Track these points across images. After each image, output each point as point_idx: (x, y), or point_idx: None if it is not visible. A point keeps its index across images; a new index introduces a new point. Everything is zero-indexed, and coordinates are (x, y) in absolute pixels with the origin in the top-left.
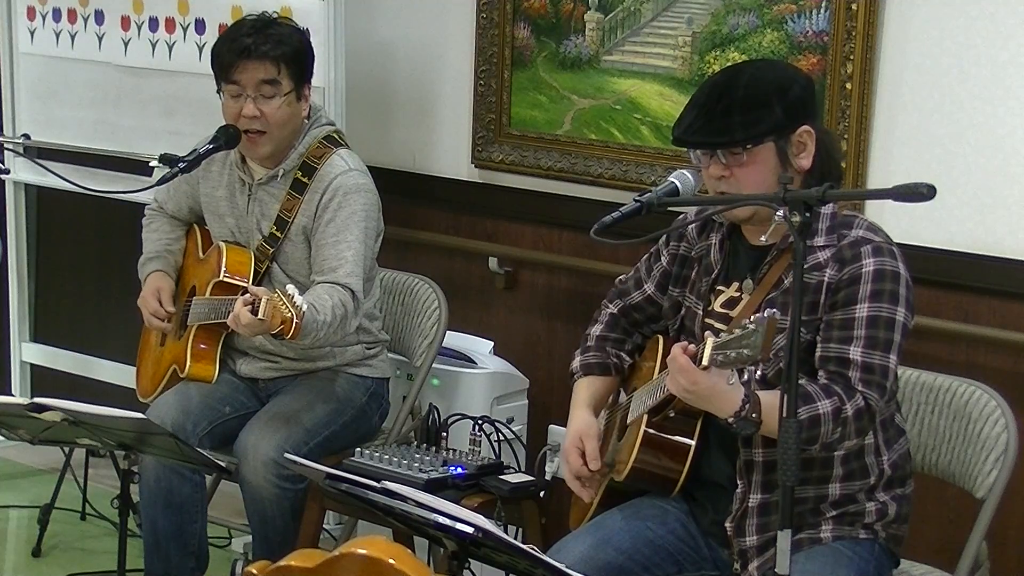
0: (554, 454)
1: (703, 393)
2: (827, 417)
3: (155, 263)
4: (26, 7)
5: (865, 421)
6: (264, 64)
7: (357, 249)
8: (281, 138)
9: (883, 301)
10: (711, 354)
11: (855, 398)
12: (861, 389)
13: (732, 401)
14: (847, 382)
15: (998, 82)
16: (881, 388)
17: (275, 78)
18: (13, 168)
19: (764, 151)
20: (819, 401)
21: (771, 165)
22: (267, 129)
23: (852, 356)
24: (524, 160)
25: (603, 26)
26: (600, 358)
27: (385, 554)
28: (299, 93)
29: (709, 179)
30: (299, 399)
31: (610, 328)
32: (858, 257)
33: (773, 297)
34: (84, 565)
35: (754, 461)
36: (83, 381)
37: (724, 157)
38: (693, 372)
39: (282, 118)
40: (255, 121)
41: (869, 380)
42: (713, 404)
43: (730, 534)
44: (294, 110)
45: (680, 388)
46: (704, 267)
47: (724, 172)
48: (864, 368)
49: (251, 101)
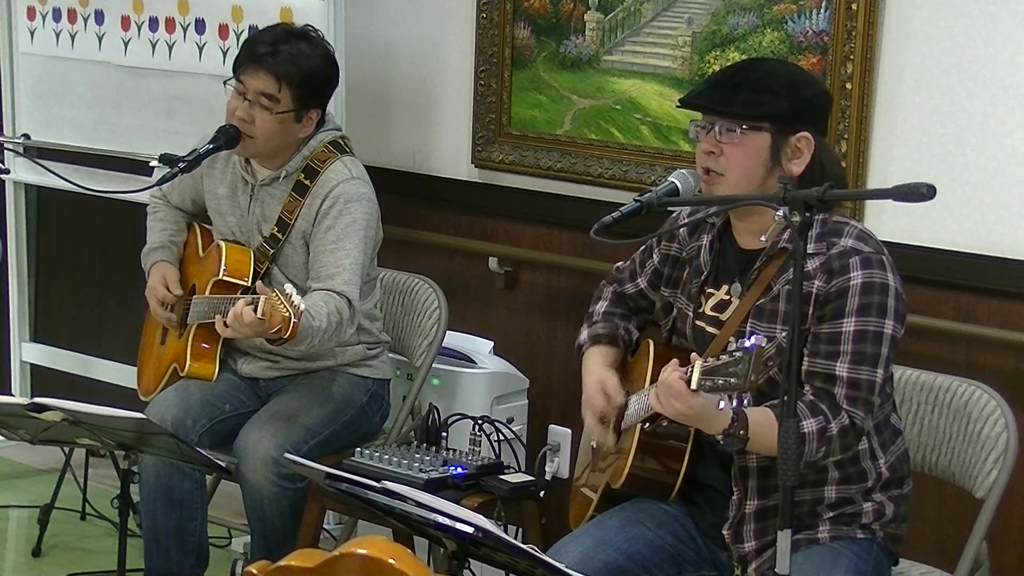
0: (554, 454)
1: (694, 415)
2: (812, 436)
3: (159, 253)
4: (26, 7)
5: (850, 438)
6: (268, 78)
7: (355, 258)
8: (265, 148)
9: (871, 315)
10: (699, 379)
11: (840, 416)
12: (846, 408)
13: (721, 421)
14: (832, 399)
15: (998, 82)
16: (867, 404)
17: (275, 94)
18: (13, 168)
19: (759, 139)
20: (804, 420)
21: (762, 157)
22: (253, 135)
23: (839, 372)
24: (524, 160)
25: (603, 26)
26: (608, 329)
27: (385, 554)
28: (300, 114)
29: (699, 155)
30: (300, 398)
31: (614, 304)
32: (846, 269)
33: (762, 304)
34: (84, 565)
35: (748, 467)
36: (83, 381)
37: (720, 134)
38: (687, 397)
39: (269, 131)
40: (244, 124)
41: (855, 397)
42: (703, 423)
43: (728, 540)
44: (287, 128)
45: (674, 411)
46: (694, 268)
47: (714, 148)
48: (850, 384)
49: (247, 104)
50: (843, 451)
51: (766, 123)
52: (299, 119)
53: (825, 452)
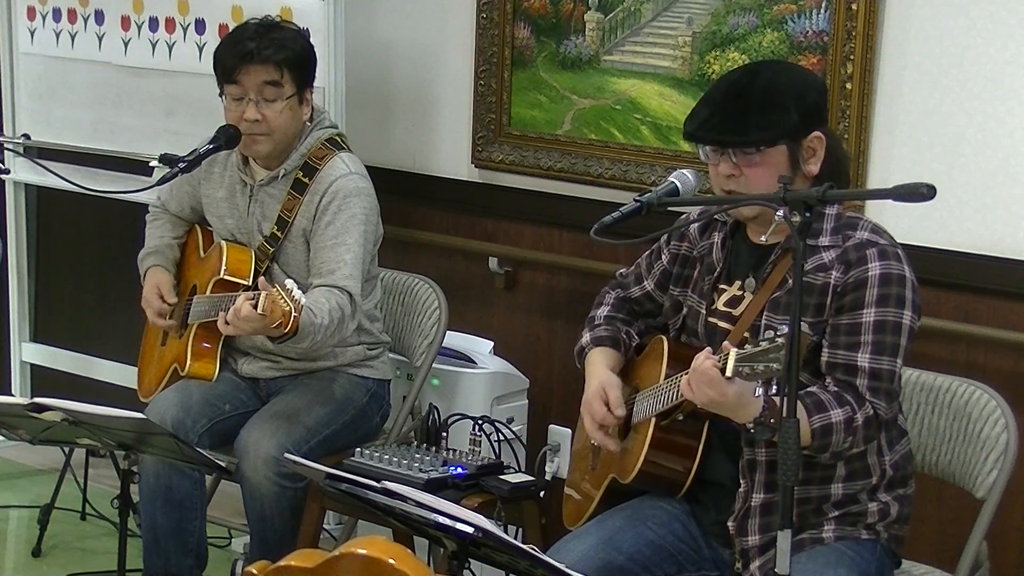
0: (554, 454)
1: (727, 404)
2: (839, 426)
3: (153, 258)
4: (26, 7)
5: (873, 429)
6: (267, 67)
7: (356, 252)
8: (283, 141)
9: (889, 305)
10: (735, 365)
11: (864, 407)
12: (870, 398)
13: (753, 409)
14: (856, 391)
15: (998, 82)
16: (889, 395)
17: (278, 80)
18: (13, 168)
19: (776, 153)
20: (832, 410)
21: (782, 168)
22: (268, 133)
23: (860, 363)
24: (524, 160)
25: (603, 26)
26: (611, 332)
27: (385, 554)
28: (301, 97)
29: (717, 177)
30: (300, 398)
31: (616, 309)
32: (863, 260)
33: (777, 297)
34: (84, 565)
35: (757, 460)
36: (83, 381)
37: (736, 156)
38: (722, 384)
39: (284, 123)
40: (257, 125)
41: (877, 388)
42: (733, 412)
43: (732, 533)
44: (296, 114)
45: (707, 399)
46: (706, 266)
47: (734, 171)
48: (872, 375)
49: (253, 105)
50: (866, 442)
51: (781, 139)
52: (301, 101)
53: (851, 443)
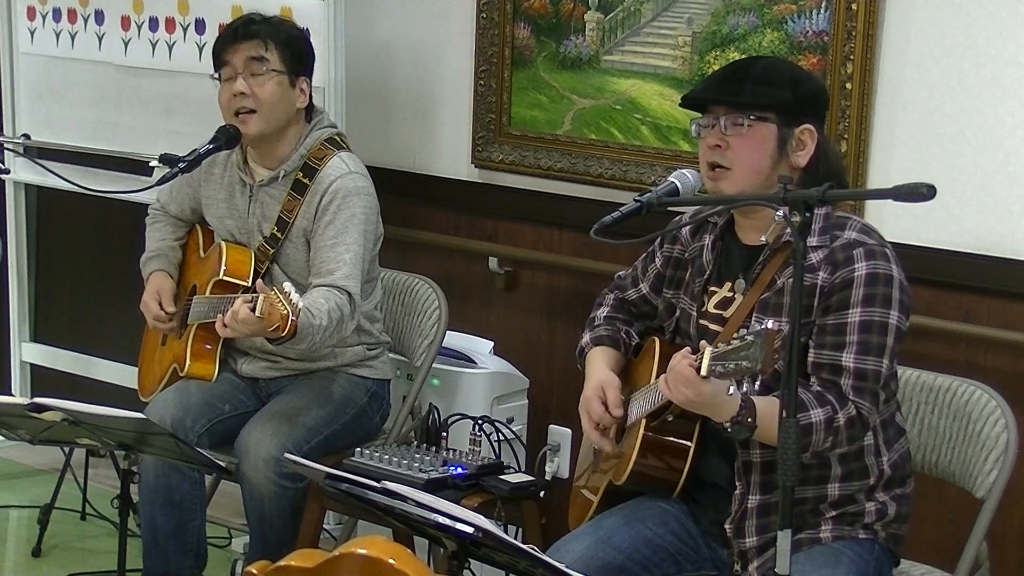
0: (554, 454)
1: (704, 403)
2: (819, 426)
3: (156, 262)
4: (26, 7)
5: (856, 429)
6: (253, 43)
7: (356, 252)
8: (272, 119)
9: (876, 305)
10: (709, 364)
11: (847, 407)
12: (853, 398)
13: (730, 408)
14: (839, 390)
15: (998, 82)
16: (873, 395)
17: (262, 55)
18: (13, 168)
19: (765, 129)
20: (812, 410)
21: (768, 148)
22: (257, 108)
23: (844, 363)
24: (524, 160)
25: (603, 26)
26: (611, 332)
27: (385, 554)
28: (291, 79)
29: (703, 151)
30: (300, 398)
31: (616, 310)
32: (850, 260)
33: (767, 298)
34: (84, 565)
35: (752, 462)
36: (83, 381)
37: (725, 127)
38: (697, 384)
39: (271, 97)
40: (245, 99)
41: (862, 388)
42: (711, 411)
43: (730, 535)
44: (285, 92)
45: (684, 398)
46: (697, 268)
47: (720, 142)
48: (857, 375)
49: (240, 78)
50: (850, 442)
51: (772, 114)
52: (292, 84)
53: (832, 443)
